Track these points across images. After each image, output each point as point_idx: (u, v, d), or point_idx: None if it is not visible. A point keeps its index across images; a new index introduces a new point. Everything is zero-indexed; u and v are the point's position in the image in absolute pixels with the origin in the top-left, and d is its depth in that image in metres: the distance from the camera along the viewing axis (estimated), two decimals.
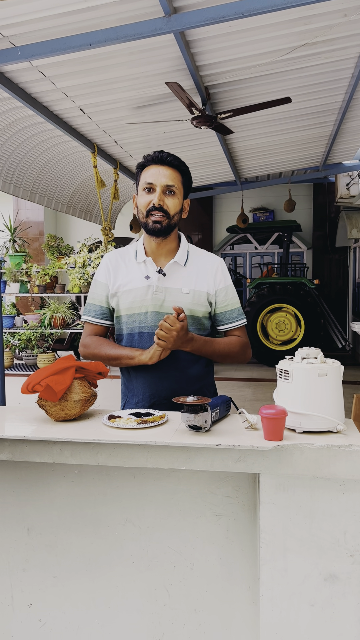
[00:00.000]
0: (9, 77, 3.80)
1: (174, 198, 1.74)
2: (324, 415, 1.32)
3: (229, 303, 1.83)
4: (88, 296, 1.86)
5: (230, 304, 1.83)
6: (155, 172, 1.72)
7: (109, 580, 1.54)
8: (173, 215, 1.74)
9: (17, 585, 1.60)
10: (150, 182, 1.72)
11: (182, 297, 1.76)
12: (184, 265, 1.80)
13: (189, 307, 1.76)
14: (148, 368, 1.75)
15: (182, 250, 1.82)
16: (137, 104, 4.55)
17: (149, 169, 1.74)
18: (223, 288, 1.82)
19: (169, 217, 1.73)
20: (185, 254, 1.82)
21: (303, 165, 7.61)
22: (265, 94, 4.64)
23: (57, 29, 3.18)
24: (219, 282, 1.82)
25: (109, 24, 3.12)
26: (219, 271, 1.83)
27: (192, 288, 1.78)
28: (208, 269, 1.81)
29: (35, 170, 5.79)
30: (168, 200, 1.72)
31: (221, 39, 3.59)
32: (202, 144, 5.93)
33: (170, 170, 1.73)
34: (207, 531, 1.47)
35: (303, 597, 1.32)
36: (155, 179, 1.71)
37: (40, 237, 10.31)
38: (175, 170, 1.74)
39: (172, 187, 1.72)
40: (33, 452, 1.42)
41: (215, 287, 1.81)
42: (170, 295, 1.76)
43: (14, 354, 8.48)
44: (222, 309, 1.82)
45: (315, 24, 3.51)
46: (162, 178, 1.71)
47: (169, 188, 1.72)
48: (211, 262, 1.84)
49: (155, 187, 1.72)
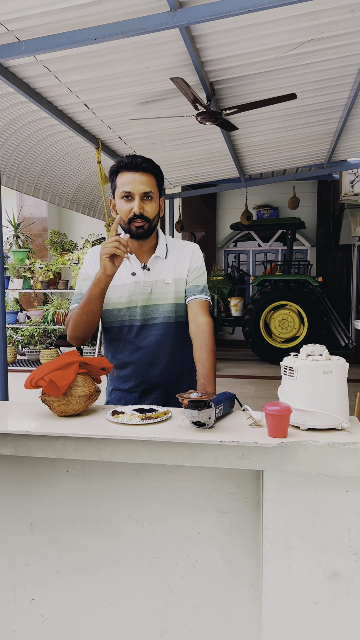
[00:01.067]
0: (14, 72, 3.80)
1: (152, 202, 1.81)
2: (329, 413, 1.32)
3: (196, 279, 1.92)
4: (76, 288, 1.93)
5: (197, 280, 1.91)
6: (132, 179, 1.77)
7: (111, 576, 1.54)
8: (153, 219, 1.83)
9: (20, 580, 1.60)
10: (128, 190, 1.77)
11: (166, 287, 1.88)
12: (165, 258, 1.90)
13: (174, 296, 1.88)
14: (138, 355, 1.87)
15: (161, 244, 1.92)
16: (141, 99, 4.54)
17: (124, 175, 1.78)
18: (195, 267, 1.92)
19: (150, 222, 1.81)
20: (164, 247, 1.92)
21: (307, 163, 7.59)
22: (271, 90, 4.62)
23: (62, 24, 3.17)
24: (192, 262, 1.93)
25: (114, 18, 3.11)
26: (194, 254, 1.94)
27: (174, 277, 1.89)
28: (185, 256, 1.93)
29: (39, 165, 5.78)
30: (147, 206, 1.79)
31: (227, 34, 3.57)
32: (206, 140, 5.91)
33: (146, 176, 1.78)
34: (210, 528, 1.46)
35: (306, 594, 1.31)
36: (133, 187, 1.76)
37: (44, 233, 10.31)
38: (149, 175, 1.79)
39: (149, 193, 1.78)
40: (36, 447, 1.42)
41: (189, 267, 1.92)
42: (155, 287, 1.88)
43: (17, 350, 8.50)
44: (190, 283, 1.91)
45: (321, 20, 3.49)
46: (139, 186, 1.76)
47: (146, 194, 1.78)
48: (186, 249, 1.95)
49: (134, 195, 1.77)
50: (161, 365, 1.88)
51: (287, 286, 8.41)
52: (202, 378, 1.73)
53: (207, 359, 1.77)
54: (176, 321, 1.88)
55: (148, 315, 1.86)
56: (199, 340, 1.81)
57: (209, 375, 1.73)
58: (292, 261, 9.28)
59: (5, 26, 3.18)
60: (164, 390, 1.90)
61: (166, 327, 1.87)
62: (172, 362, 1.89)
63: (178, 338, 1.90)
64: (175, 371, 1.90)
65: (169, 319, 1.87)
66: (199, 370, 1.76)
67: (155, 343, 1.87)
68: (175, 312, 1.88)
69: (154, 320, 1.87)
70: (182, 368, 1.92)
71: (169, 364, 1.89)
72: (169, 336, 1.88)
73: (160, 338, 1.87)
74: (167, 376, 1.89)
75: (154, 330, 1.87)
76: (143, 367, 1.89)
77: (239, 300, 9.30)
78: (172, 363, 1.89)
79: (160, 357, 1.88)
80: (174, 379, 1.90)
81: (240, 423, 1.43)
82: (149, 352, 1.87)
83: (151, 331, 1.87)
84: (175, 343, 1.89)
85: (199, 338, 1.82)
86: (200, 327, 1.83)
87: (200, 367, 1.76)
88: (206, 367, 1.75)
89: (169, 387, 1.89)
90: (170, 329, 1.87)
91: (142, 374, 1.89)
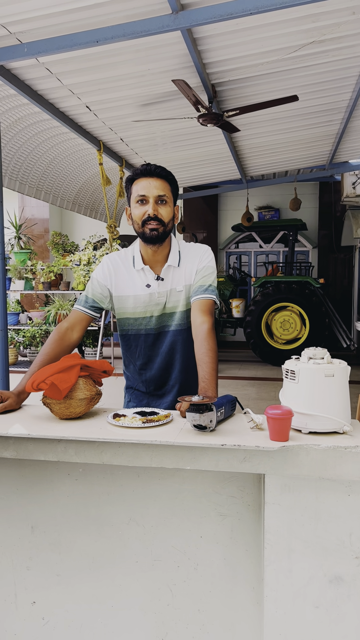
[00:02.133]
0: (16, 74, 3.80)
1: (166, 206, 1.84)
2: (330, 416, 1.32)
3: (202, 278, 1.90)
4: (85, 290, 1.97)
5: (203, 280, 1.90)
6: (146, 184, 1.82)
7: (112, 579, 1.54)
8: (167, 223, 1.85)
9: (21, 583, 1.60)
10: (143, 194, 1.81)
11: (178, 294, 1.91)
12: (178, 266, 1.92)
13: (185, 303, 1.91)
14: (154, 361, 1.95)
15: (174, 252, 1.93)
16: (143, 101, 4.54)
17: (139, 182, 1.83)
18: (202, 267, 1.91)
19: (164, 225, 1.84)
20: (177, 255, 1.93)
21: (309, 164, 7.58)
22: (272, 92, 4.62)
23: (64, 26, 3.17)
24: (200, 263, 1.92)
25: (115, 20, 3.11)
26: (203, 255, 1.93)
27: (184, 284, 1.91)
28: (193, 260, 1.93)
29: (41, 167, 5.79)
30: (161, 209, 1.83)
31: (228, 36, 3.57)
32: (208, 141, 5.92)
33: (160, 181, 1.83)
34: (212, 531, 1.46)
35: (307, 598, 1.31)
36: (147, 190, 1.81)
37: (46, 235, 10.32)
38: (164, 180, 1.84)
39: (163, 197, 1.83)
40: (37, 450, 1.42)
41: (196, 269, 1.91)
42: (169, 296, 1.91)
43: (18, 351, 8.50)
44: (196, 282, 1.90)
45: (323, 22, 3.49)
46: (153, 189, 1.81)
47: (160, 198, 1.82)
48: (195, 252, 1.94)
49: (148, 199, 1.81)
50: (176, 370, 1.95)
51: (288, 288, 8.40)
52: (202, 381, 1.72)
53: (205, 361, 1.76)
54: (188, 327, 1.91)
55: (163, 323, 1.92)
56: (198, 341, 1.81)
57: (208, 378, 1.72)
58: (293, 263, 9.27)
59: (7, 29, 3.18)
60: (178, 394, 1.96)
61: (179, 334, 1.92)
62: (187, 366, 1.94)
63: (192, 343, 1.91)
64: (190, 375, 1.94)
65: (181, 325, 1.91)
66: (199, 372, 1.75)
67: (170, 349, 1.93)
68: (187, 318, 1.92)
69: (168, 328, 1.93)
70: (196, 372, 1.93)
71: (183, 368, 1.95)
72: (182, 342, 1.93)
73: (174, 344, 1.93)
74: (183, 380, 1.96)
75: (169, 337, 1.93)
76: (160, 372, 1.96)
77: (240, 302, 9.29)
78: (186, 368, 1.95)
79: (175, 363, 1.95)
80: (189, 383, 1.95)
81: (241, 426, 1.43)
82: (164, 359, 1.94)
83: (166, 338, 1.93)
84: (189, 348, 1.91)
85: (197, 339, 1.82)
86: (198, 328, 1.83)
87: (200, 369, 1.76)
88: (205, 370, 1.74)
89: (183, 390, 1.95)
90: (183, 335, 1.92)
91: (159, 378, 1.97)
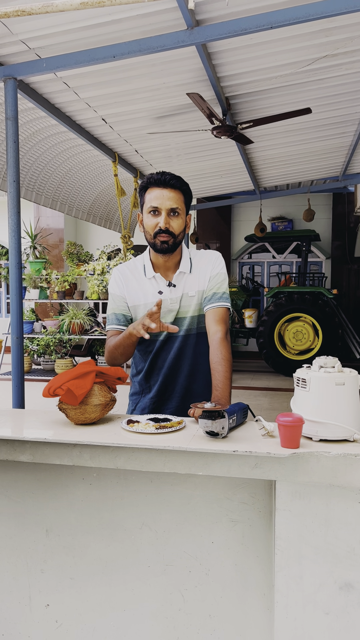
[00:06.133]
0: (34, 88, 3.89)
1: (178, 218, 1.84)
2: (341, 424, 1.33)
3: (215, 286, 1.92)
4: (108, 308, 1.98)
5: (216, 287, 1.92)
6: (159, 195, 1.81)
7: (124, 583, 1.56)
8: (178, 235, 1.86)
9: (35, 585, 1.63)
10: (155, 205, 1.81)
11: (190, 300, 1.91)
12: (190, 272, 1.92)
13: (196, 308, 1.91)
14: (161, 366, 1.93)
15: (185, 259, 1.94)
16: (158, 114, 4.62)
17: (153, 191, 1.82)
18: (215, 274, 1.93)
19: (175, 237, 1.84)
20: (188, 262, 1.94)
21: (322, 175, 7.61)
22: (286, 105, 4.67)
23: (82, 42, 3.25)
24: (213, 269, 1.93)
25: (132, 36, 3.18)
26: (215, 262, 1.95)
27: (197, 289, 1.92)
28: (206, 266, 1.94)
29: (57, 178, 5.88)
30: (173, 222, 1.83)
31: (243, 50, 3.63)
32: (222, 153, 5.97)
33: (174, 192, 1.82)
34: (223, 537, 1.48)
35: (318, 605, 1.32)
36: (160, 202, 1.80)
37: (60, 244, 10.43)
38: (178, 191, 1.83)
39: (176, 209, 1.82)
40: (53, 455, 1.45)
41: (209, 275, 1.93)
42: (182, 301, 1.91)
43: (32, 359, 8.58)
44: (208, 291, 1.92)
45: (336, 36, 3.53)
46: (166, 201, 1.80)
47: (173, 210, 1.82)
48: (206, 258, 1.95)
49: (161, 211, 1.81)
50: (183, 375, 1.94)
51: (301, 298, 8.39)
52: (216, 389, 1.75)
53: (218, 370, 1.79)
54: (197, 332, 1.92)
55: None
56: (212, 349, 1.84)
57: (222, 387, 1.75)
58: (306, 273, 9.27)
59: (26, 44, 3.27)
60: (182, 401, 1.94)
61: (186, 339, 1.92)
62: (193, 372, 1.94)
63: (199, 349, 1.93)
64: (195, 382, 1.94)
65: (189, 330, 1.92)
66: (213, 380, 1.78)
67: (177, 355, 1.92)
68: (197, 324, 1.92)
69: (177, 334, 1.91)
70: (203, 379, 1.95)
71: (190, 374, 1.94)
72: (189, 347, 1.92)
73: (182, 350, 1.92)
74: (188, 386, 1.94)
75: (177, 342, 1.92)
76: (165, 378, 1.95)
77: (253, 312, 9.30)
78: (193, 374, 1.94)
79: (182, 368, 1.93)
80: (193, 389, 1.94)
81: (253, 433, 1.45)
82: (171, 364, 1.93)
83: (174, 343, 1.92)
84: (196, 354, 1.92)
85: (212, 347, 1.85)
86: (213, 336, 1.86)
87: (214, 377, 1.79)
88: (218, 378, 1.77)
89: (187, 397, 1.94)
90: (191, 340, 1.92)
91: (164, 383, 1.95)
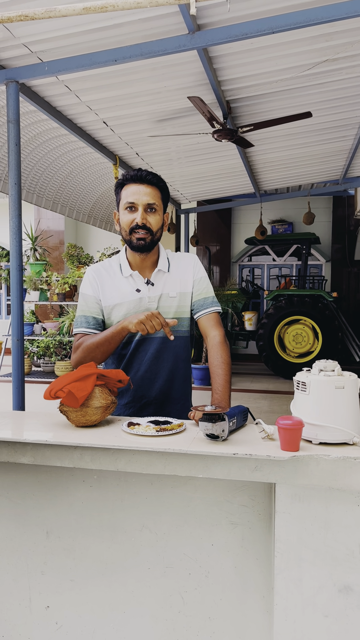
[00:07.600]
0: (36, 91, 3.91)
1: (156, 215, 1.81)
2: (340, 427, 1.34)
3: (203, 291, 1.92)
4: (77, 310, 1.91)
5: (204, 292, 1.92)
6: (136, 191, 1.78)
7: (124, 585, 1.56)
8: (156, 232, 1.82)
9: (35, 587, 1.63)
10: (132, 201, 1.78)
11: (171, 300, 1.87)
12: (168, 272, 1.90)
13: (176, 310, 1.88)
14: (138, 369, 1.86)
15: (163, 258, 1.92)
16: (159, 117, 4.63)
17: (129, 187, 1.79)
18: (198, 279, 1.92)
19: (152, 234, 1.81)
20: (166, 261, 1.92)
21: (323, 179, 7.63)
22: (286, 109, 4.69)
23: (83, 45, 3.27)
24: (195, 274, 1.93)
25: (133, 40, 3.20)
26: (195, 266, 1.94)
27: (179, 291, 1.89)
28: (187, 268, 1.92)
29: (57, 180, 5.90)
30: (150, 218, 1.79)
31: (243, 55, 3.65)
32: (222, 156, 5.99)
33: (150, 188, 1.79)
34: (223, 539, 1.48)
35: (317, 607, 1.33)
36: (137, 198, 1.77)
37: (61, 246, 10.44)
38: (154, 187, 1.80)
39: (153, 205, 1.79)
40: (54, 457, 1.46)
41: (192, 279, 1.92)
42: (160, 301, 1.87)
43: (32, 361, 8.59)
44: (197, 297, 1.91)
45: (336, 41, 3.55)
46: (143, 197, 1.77)
47: (150, 206, 1.79)
48: (186, 261, 1.94)
49: (137, 206, 1.78)
50: (161, 379, 1.87)
51: (301, 301, 8.41)
52: (216, 392, 1.76)
53: (218, 373, 1.78)
54: (176, 335, 1.85)
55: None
56: (211, 353, 1.83)
57: (222, 390, 1.76)
58: (306, 276, 9.28)
59: (28, 48, 3.29)
60: (160, 407, 1.88)
61: (165, 341, 1.85)
62: (172, 377, 1.88)
63: (179, 352, 1.88)
64: (175, 387, 1.89)
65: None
66: (213, 383, 1.79)
67: (155, 357, 1.85)
68: (177, 326, 1.87)
69: (154, 334, 1.84)
70: (182, 385, 1.91)
71: (169, 378, 1.87)
72: (168, 350, 1.86)
73: (160, 352, 1.85)
74: (166, 391, 1.88)
75: (154, 344, 1.85)
76: (143, 382, 1.87)
77: (253, 315, 9.31)
78: (172, 378, 1.88)
79: (160, 372, 1.86)
80: (172, 396, 1.89)
81: (253, 436, 1.46)
82: (149, 367, 1.86)
83: (151, 345, 1.85)
84: (176, 358, 1.88)
85: (211, 351, 1.84)
86: (212, 341, 1.85)
87: (214, 380, 1.79)
88: (218, 382, 1.77)
89: (166, 403, 1.88)
90: (169, 342, 1.85)
91: (142, 388, 1.87)
